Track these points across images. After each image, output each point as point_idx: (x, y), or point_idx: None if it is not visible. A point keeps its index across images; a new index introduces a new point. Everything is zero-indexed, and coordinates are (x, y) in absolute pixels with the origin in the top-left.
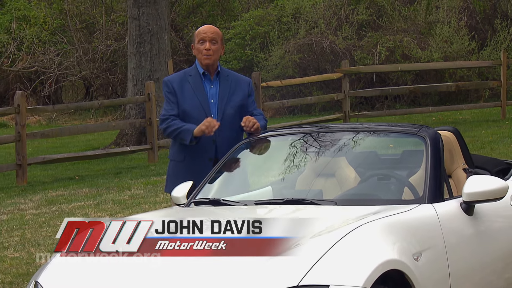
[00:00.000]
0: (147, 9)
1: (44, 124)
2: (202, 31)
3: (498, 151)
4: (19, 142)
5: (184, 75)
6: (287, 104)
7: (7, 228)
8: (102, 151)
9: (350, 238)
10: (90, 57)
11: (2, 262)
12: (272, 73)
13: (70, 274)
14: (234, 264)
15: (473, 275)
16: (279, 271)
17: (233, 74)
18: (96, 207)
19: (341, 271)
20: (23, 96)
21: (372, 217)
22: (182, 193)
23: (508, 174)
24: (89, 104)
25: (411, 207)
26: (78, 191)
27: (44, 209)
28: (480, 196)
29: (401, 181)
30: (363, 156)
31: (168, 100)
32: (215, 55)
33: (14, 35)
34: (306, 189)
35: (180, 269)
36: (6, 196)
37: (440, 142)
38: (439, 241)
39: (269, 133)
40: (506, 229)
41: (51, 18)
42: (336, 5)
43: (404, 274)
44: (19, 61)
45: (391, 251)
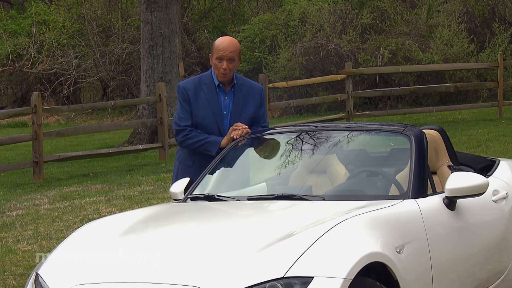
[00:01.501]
0: (159, 14)
1: (63, 123)
2: (221, 48)
3: (493, 149)
4: (36, 141)
5: (199, 82)
6: (293, 104)
7: (21, 222)
8: (115, 149)
9: (334, 231)
10: (106, 60)
11: (14, 254)
12: (279, 75)
13: (70, 266)
14: (223, 256)
15: (456, 267)
16: (266, 263)
17: (247, 82)
18: (107, 203)
19: (325, 263)
20: (39, 96)
21: (357, 212)
22: (179, 189)
23: (490, 171)
24: (102, 105)
25: (395, 202)
26: (91, 187)
27: (58, 204)
28: (461, 192)
29: (387, 178)
30: (353, 153)
31: (183, 108)
32: (231, 72)
33: (34, 39)
34: (299, 185)
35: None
36: (23, 192)
37: (424, 140)
38: (422, 234)
39: (267, 131)
40: (487, 223)
41: (69, 22)
42: (341, 9)
43: (386, 266)
44: (39, 63)
45: (374, 244)
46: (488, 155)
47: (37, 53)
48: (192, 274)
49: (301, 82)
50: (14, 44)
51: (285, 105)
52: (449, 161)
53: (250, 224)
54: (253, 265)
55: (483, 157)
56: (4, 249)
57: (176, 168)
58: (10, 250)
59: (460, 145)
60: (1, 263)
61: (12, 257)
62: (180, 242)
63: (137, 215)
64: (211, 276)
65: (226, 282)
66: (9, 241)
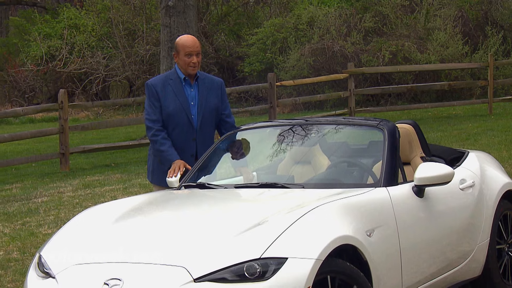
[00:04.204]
0: (177, 18)
1: (92, 118)
2: (189, 45)
3: (481, 142)
4: (62, 134)
5: (165, 78)
6: (299, 101)
7: (45, 208)
8: (135, 142)
9: (309, 216)
10: (132, 60)
11: (35, 237)
12: (289, 74)
13: (68, 248)
14: (206, 239)
15: (426, 248)
16: (245, 245)
17: (209, 77)
18: (124, 190)
19: (298, 245)
20: (66, 94)
21: (331, 198)
22: (175, 178)
23: (460, 162)
24: (123, 101)
25: (367, 190)
26: (112, 177)
27: (80, 192)
28: (429, 181)
29: (363, 168)
30: (335, 146)
31: (151, 104)
32: (199, 65)
33: (66, 41)
34: (285, 175)
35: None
36: (50, 180)
37: (396, 133)
38: (391, 219)
39: (256, 125)
40: (455, 209)
41: (98, 26)
42: (346, 14)
43: (357, 249)
44: (71, 64)
45: (345, 228)
46: (475, 147)
47: (69, 54)
48: (177, 256)
49: (306, 81)
50: (48, 46)
51: (291, 102)
52: (422, 152)
53: (233, 209)
54: (233, 247)
55: (453, 149)
56: (26, 232)
57: (151, 160)
58: (32, 233)
59: (450, 138)
60: (23, 245)
61: (33, 240)
62: (168, 226)
63: (132, 201)
64: (195, 257)
65: (208, 262)
66: (32, 225)
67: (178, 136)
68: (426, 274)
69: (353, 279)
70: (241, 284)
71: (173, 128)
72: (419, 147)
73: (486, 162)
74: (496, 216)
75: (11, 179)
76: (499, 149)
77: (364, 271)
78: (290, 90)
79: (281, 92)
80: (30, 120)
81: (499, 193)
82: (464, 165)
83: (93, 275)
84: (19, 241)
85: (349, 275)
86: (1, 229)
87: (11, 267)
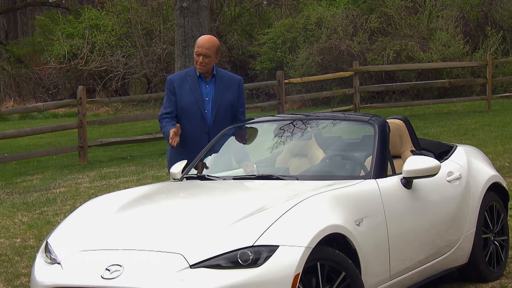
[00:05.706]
0: (190, 19)
1: (112, 113)
2: (199, 45)
3: (478, 136)
4: (81, 128)
5: (185, 74)
6: (306, 97)
7: (62, 199)
8: (150, 136)
9: (300, 206)
10: (149, 58)
11: (52, 226)
12: (298, 72)
13: (74, 236)
14: (202, 227)
15: (413, 237)
16: (239, 233)
17: (228, 74)
18: (137, 182)
19: (290, 233)
20: (84, 90)
21: (321, 190)
22: (178, 170)
23: (448, 155)
24: (140, 97)
25: (357, 181)
26: (127, 169)
27: (96, 183)
28: (416, 173)
29: (354, 161)
30: (330, 140)
31: (168, 98)
32: (207, 66)
33: (87, 40)
34: (283, 167)
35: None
36: (69, 172)
37: (387, 128)
38: (380, 209)
39: (256, 120)
40: (442, 200)
41: (118, 26)
42: (353, 15)
43: (346, 237)
44: (92, 62)
45: (335, 217)
46: (472, 142)
47: (90, 52)
48: (174, 243)
49: (313, 78)
50: (70, 45)
51: (299, 98)
52: (412, 146)
53: (229, 199)
54: (227, 235)
55: (442, 143)
56: (43, 221)
57: (170, 152)
58: (49, 221)
59: (449, 133)
60: (39, 233)
61: (49, 228)
62: (167, 216)
63: (136, 192)
64: (191, 245)
65: (204, 249)
66: (49, 214)
67: (191, 129)
68: (414, 262)
69: (342, 266)
70: (235, 270)
71: (187, 121)
72: (409, 141)
73: (473, 156)
74: (482, 207)
75: (32, 171)
76: (495, 144)
77: (352, 259)
78: (299, 87)
79: (290, 89)
80: (53, 115)
81: (485, 185)
82: (452, 159)
83: (95, 261)
84: (36, 229)
85: (338, 262)
86: (20, 217)
87: (26, 253)
